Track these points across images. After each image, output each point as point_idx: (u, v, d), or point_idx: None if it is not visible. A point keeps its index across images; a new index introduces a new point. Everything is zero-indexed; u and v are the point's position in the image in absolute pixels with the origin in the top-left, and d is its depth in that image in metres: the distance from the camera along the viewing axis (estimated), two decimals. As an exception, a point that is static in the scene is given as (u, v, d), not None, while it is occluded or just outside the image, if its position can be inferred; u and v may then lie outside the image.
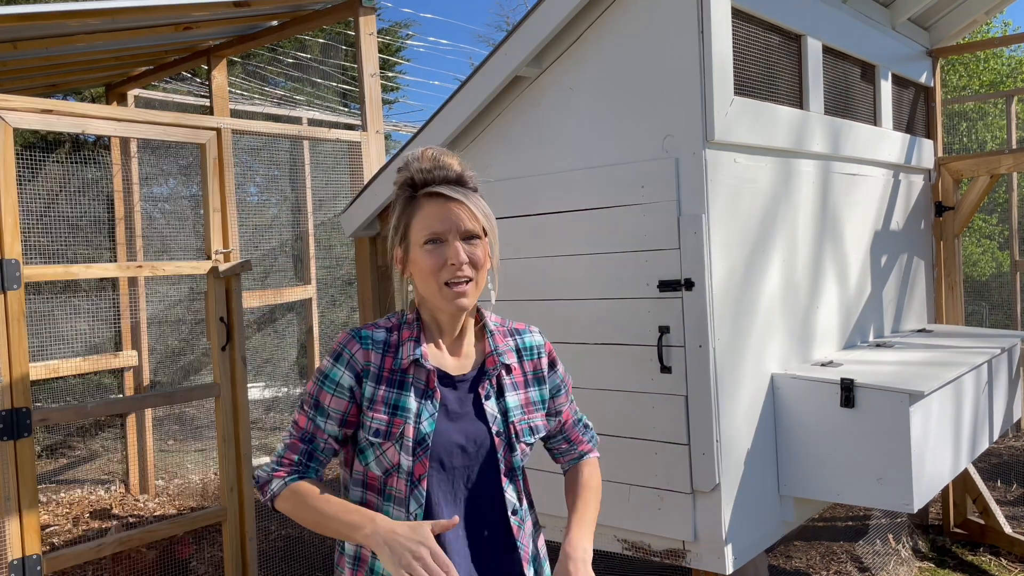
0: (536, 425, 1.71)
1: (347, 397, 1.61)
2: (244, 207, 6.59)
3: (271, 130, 4.31)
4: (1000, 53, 13.07)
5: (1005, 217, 9.41)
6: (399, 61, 11.97)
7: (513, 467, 1.67)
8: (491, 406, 1.66)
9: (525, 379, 1.73)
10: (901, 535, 4.61)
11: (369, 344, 1.62)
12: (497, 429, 1.65)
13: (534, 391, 1.74)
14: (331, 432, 1.63)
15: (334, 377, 1.62)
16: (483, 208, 1.62)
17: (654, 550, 2.96)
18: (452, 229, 1.58)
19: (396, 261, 1.68)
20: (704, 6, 2.73)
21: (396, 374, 1.62)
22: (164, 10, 4.07)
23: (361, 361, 1.61)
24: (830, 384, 2.96)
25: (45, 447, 7.22)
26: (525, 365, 1.74)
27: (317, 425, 1.62)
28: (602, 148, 3.02)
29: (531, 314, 3.22)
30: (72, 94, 7.83)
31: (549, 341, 1.83)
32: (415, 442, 1.58)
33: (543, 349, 1.78)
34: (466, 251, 1.59)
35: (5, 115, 3.09)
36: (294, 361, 7.40)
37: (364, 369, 1.61)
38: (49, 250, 5.33)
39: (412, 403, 1.60)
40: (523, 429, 1.68)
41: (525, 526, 1.70)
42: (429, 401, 1.61)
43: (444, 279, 1.58)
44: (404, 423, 1.58)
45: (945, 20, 4.65)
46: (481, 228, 1.61)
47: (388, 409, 1.59)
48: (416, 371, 1.62)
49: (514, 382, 1.71)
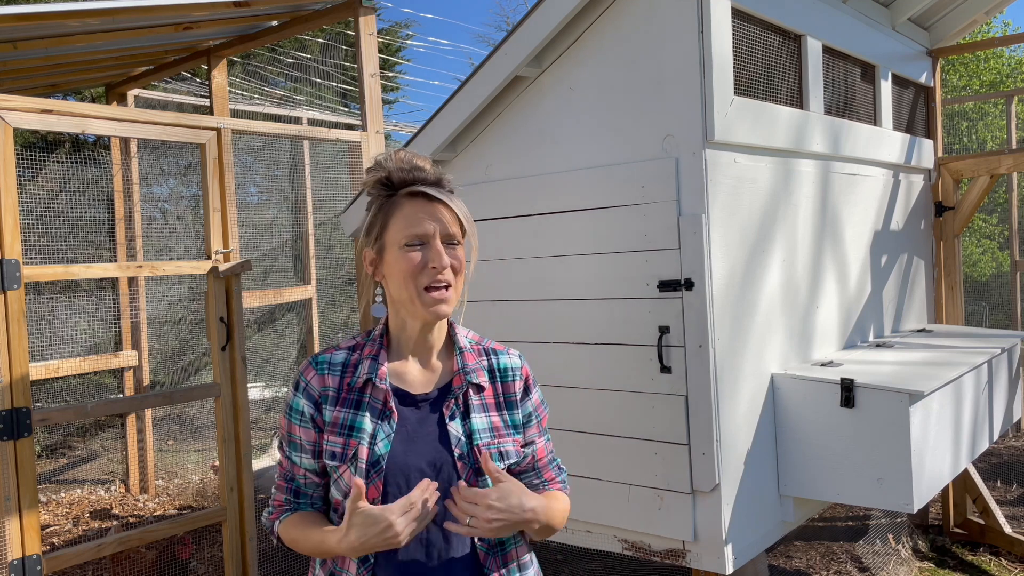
0: (507, 451, 1.59)
1: (311, 426, 1.56)
2: (244, 207, 6.60)
3: (271, 130, 4.31)
4: (1000, 53, 13.07)
5: (1005, 217, 9.42)
6: (399, 61, 11.98)
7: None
8: (455, 427, 1.56)
9: (497, 401, 1.62)
10: (901, 535, 4.61)
11: (325, 369, 1.57)
12: (460, 452, 1.54)
13: (506, 415, 1.63)
14: (307, 466, 1.58)
15: (297, 407, 1.57)
16: (464, 211, 1.56)
17: (654, 550, 2.96)
18: (436, 230, 1.52)
19: (367, 263, 1.61)
20: (704, 6, 2.73)
21: (352, 393, 1.55)
22: (164, 10, 4.07)
23: (317, 387, 1.56)
24: (830, 384, 2.96)
25: (45, 447, 7.23)
26: (497, 387, 1.63)
27: (294, 462, 1.59)
28: (602, 148, 3.02)
29: (531, 314, 3.23)
30: (72, 94, 7.83)
31: (527, 365, 1.72)
32: (368, 464, 1.50)
33: (519, 372, 1.67)
34: (447, 255, 1.53)
35: (5, 115, 3.09)
36: (294, 361, 7.40)
37: (322, 395, 1.56)
38: (49, 250, 5.34)
39: (367, 423, 1.53)
40: (490, 454, 1.56)
41: (496, 551, 1.59)
42: (386, 422, 1.53)
43: (424, 283, 1.51)
44: (358, 444, 1.51)
45: (945, 20, 4.65)
46: (461, 232, 1.56)
47: (343, 431, 1.53)
48: (373, 390, 1.55)
49: (484, 403, 1.61)
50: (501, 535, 1.51)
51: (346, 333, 7.84)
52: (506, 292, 3.29)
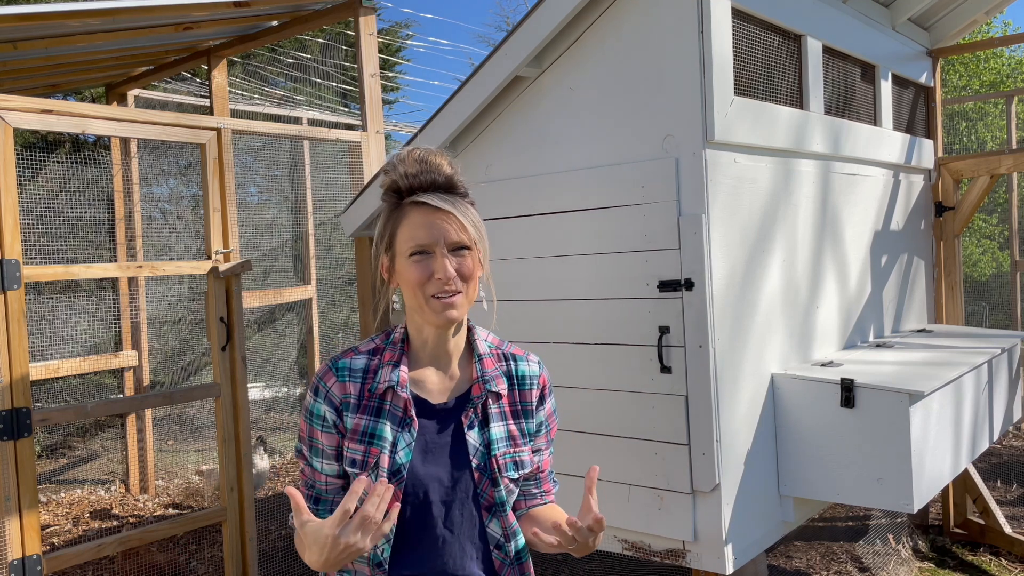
0: (522, 460, 1.59)
1: (334, 431, 1.55)
2: (244, 207, 6.59)
3: (271, 130, 4.32)
4: (1000, 53, 13.07)
5: (1005, 217, 9.41)
6: (399, 61, 11.98)
7: (496, 502, 1.55)
8: (473, 437, 1.55)
9: (514, 409, 1.61)
10: (901, 535, 4.62)
11: (346, 376, 1.55)
12: (477, 463, 1.54)
13: (523, 423, 1.62)
14: (329, 472, 1.56)
15: (318, 413, 1.55)
16: (472, 217, 1.52)
17: (654, 550, 2.96)
18: (439, 241, 1.49)
19: (382, 270, 1.59)
20: (704, 6, 2.73)
21: (373, 400, 1.53)
22: (164, 10, 4.07)
23: (339, 395, 1.54)
24: (830, 384, 2.96)
25: (45, 447, 7.23)
26: (515, 394, 1.62)
27: (314, 468, 1.57)
28: (602, 148, 3.02)
29: (531, 314, 3.23)
30: (72, 94, 7.83)
31: (545, 373, 1.69)
32: (390, 473, 1.49)
33: (537, 381, 1.65)
34: (454, 263, 1.50)
35: (5, 115, 3.09)
36: (294, 361, 7.41)
37: (343, 403, 1.54)
38: (49, 250, 5.34)
39: (388, 432, 1.51)
40: (506, 464, 1.56)
41: (513, 562, 1.58)
42: (406, 430, 1.52)
43: (431, 292, 1.50)
44: (380, 452, 1.50)
45: (945, 20, 4.65)
46: (471, 239, 1.52)
47: (364, 438, 1.52)
48: (393, 398, 1.53)
49: (502, 411, 1.59)
50: (581, 553, 1.49)
51: (346, 333, 7.84)
52: (506, 292, 3.29)
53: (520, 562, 1.60)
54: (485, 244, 1.57)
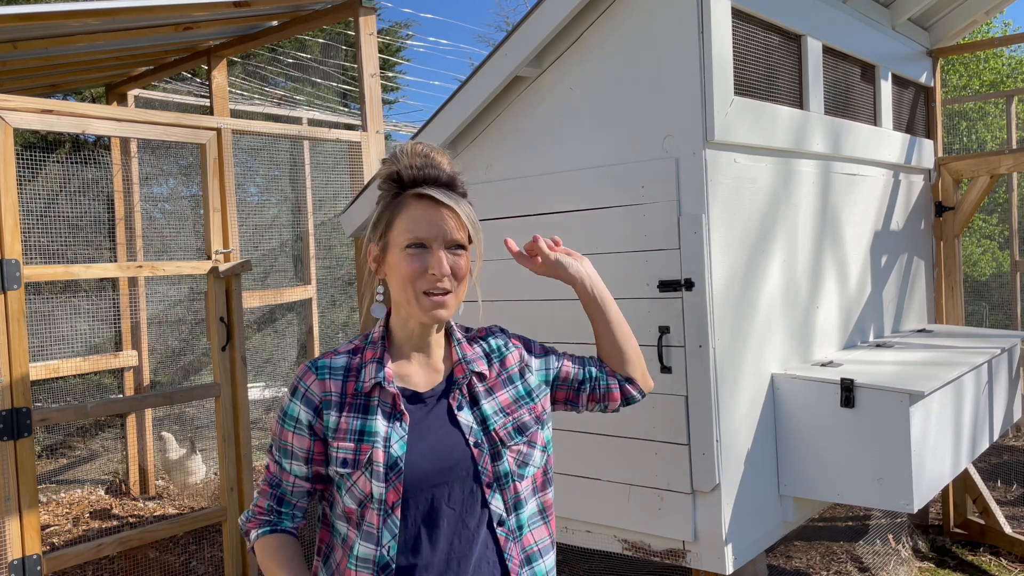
0: (524, 422, 1.60)
1: (307, 434, 1.53)
2: (244, 207, 6.60)
3: (271, 130, 4.32)
4: (1000, 53, 13.07)
5: (1005, 217, 9.41)
6: (399, 61, 11.98)
7: (499, 476, 1.55)
8: (465, 416, 1.56)
9: (501, 379, 1.63)
10: (901, 535, 4.62)
11: (326, 374, 1.54)
12: (474, 440, 1.54)
13: (513, 389, 1.64)
14: (298, 473, 1.56)
15: (292, 414, 1.54)
16: (471, 216, 1.53)
17: (654, 550, 2.96)
18: (438, 236, 1.49)
19: (370, 259, 1.58)
20: (704, 6, 2.73)
21: (359, 398, 1.52)
22: (164, 10, 4.07)
23: (318, 393, 1.52)
24: (830, 384, 2.96)
25: (45, 447, 7.23)
26: (497, 367, 1.64)
27: (283, 468, 1.56)
28: (602, 148, 3.02)
29: (531, 314, 3.23)
30: (72, 94, 7.83)
31: (509, 332, 1.76)
32: (387, 467, 1.48)
33: (509, 344, 1.70)
34: (449, 261, 1.50)
35: (5, 115, 3.09)
36: (294, 361, 7.41)
37: (323, 400, 1.52)
38: (49, 250, 5.34)
39: (380, 426, 1.50)
40: (508, 433, 1.57)
41: (516, 536, 1.58)
42: (398, 423, 1.51)
43: (423, 288, 1.49)
44: (372, 448, 1.48)
45: (945, 20, 4.65)
46: (467, 238, 1.53)
47: (354, 436, 1.50)
48: (381, 394, 1.53)
49: (488, 388, 1.61)
50: (558, 269, 1.81)
51: (346, 333, 7.84)
52: (506, 292, 3.29)
53: (531, 565, 1.60)
54: (480, 247, 1.57)
